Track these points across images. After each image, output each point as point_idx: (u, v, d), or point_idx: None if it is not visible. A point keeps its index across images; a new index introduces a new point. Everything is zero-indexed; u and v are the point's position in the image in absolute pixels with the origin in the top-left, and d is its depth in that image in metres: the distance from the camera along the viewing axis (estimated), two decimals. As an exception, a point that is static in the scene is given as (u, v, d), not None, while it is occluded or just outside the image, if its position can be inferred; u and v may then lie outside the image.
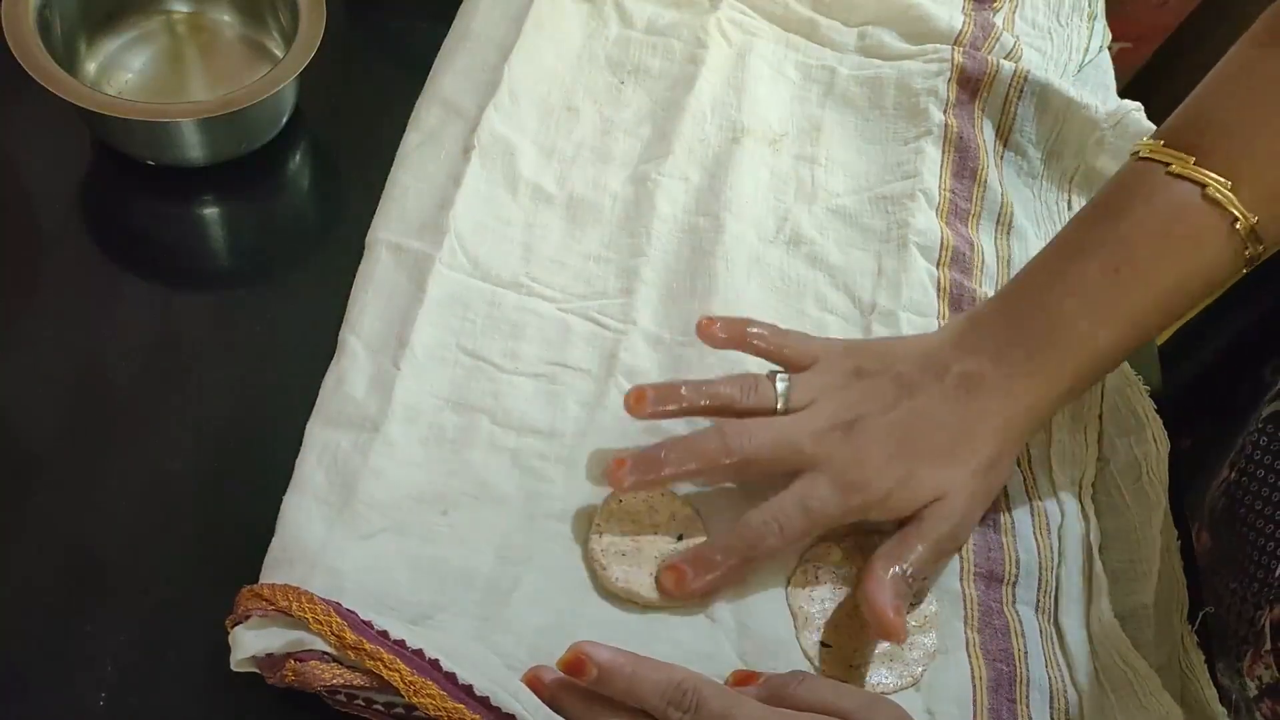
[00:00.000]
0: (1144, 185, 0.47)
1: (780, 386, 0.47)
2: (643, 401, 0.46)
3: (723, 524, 0.46)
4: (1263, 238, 0.46)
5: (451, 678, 0.38)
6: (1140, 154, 0.48)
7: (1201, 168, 0.45)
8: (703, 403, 0.46)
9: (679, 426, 0.48)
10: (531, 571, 0.44)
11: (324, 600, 0.39)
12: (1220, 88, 0.48)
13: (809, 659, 0.44)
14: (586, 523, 0.46)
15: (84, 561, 0.44)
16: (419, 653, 0.38)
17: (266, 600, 0.39)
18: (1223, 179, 0.45)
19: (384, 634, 0.38)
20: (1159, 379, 0.57)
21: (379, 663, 0.37)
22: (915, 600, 0.46)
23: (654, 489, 0.46)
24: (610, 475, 0.45)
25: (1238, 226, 0.45)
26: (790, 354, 0.48)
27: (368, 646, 0.38)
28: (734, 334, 0.48)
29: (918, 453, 0.45)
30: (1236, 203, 0.45)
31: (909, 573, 0.43)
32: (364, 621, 0.38)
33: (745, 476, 0.47)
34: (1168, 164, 0.46)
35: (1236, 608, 0.47)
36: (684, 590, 0.43)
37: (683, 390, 0.46)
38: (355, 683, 0.39)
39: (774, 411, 0.47)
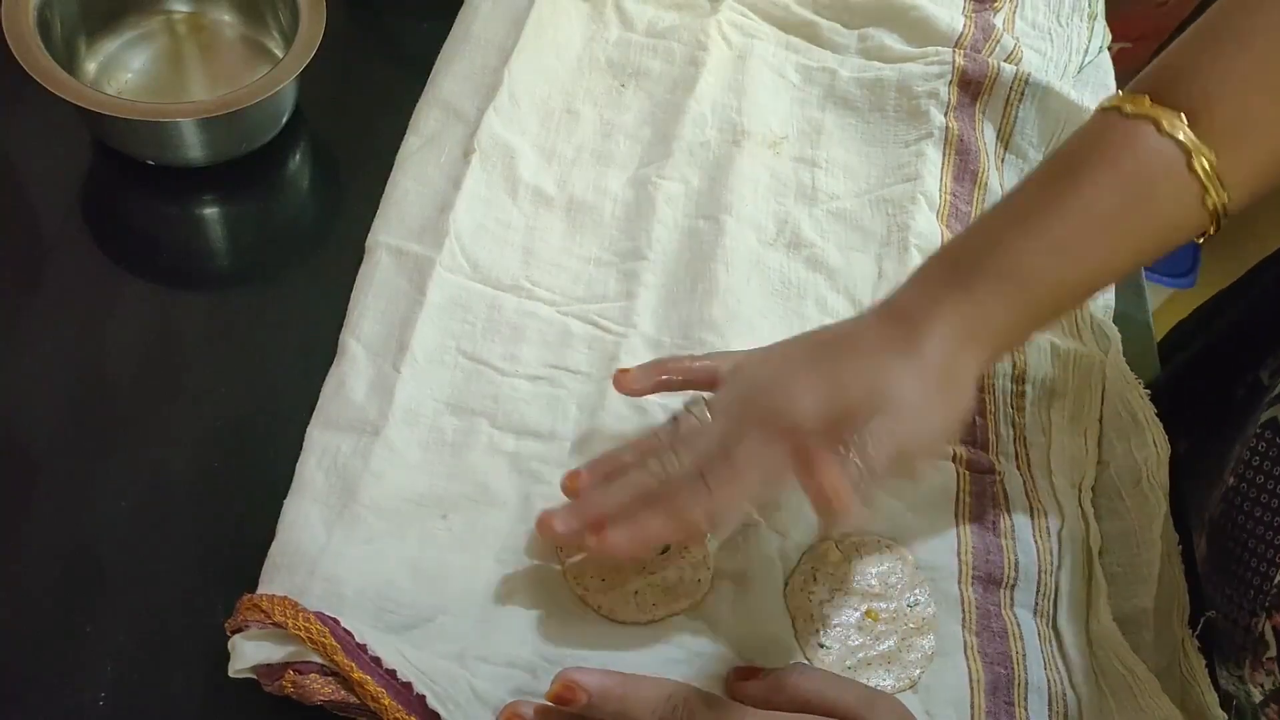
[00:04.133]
0: (1092, 122, 0.45)
1: (698, 409, 0.44)
2: (576, 480, 0.44)
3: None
4: (1226, 181, 0.42)
5: (434, 717, 0.38)
6: (1124, 110, 0.44)
7: (1158, 104, 0.42)
8: (646, 480, 0.43)
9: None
10: (531, 574, 0.44)
11: (321, 618, 0.39)
12: (1191, 34, 0.45)
13: (807, 660, 0.45)
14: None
15: (84, 561, 0.44)
16: (408, 686, 0.38)
17: (265, 613, 0.39)
18: (1209, 150, 0.42)
19: (376, 661, 0.39)
20: (1158, 377, 0.57)
21: (366, 692, 0.38)
22: (913, 608, 0.46)
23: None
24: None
25: (1207, 201, 0.42)
26: (710, 376, 0.46)
27: (356, 674, 0.38)
28: (650, 377, 0.46)
29: (843, 363, 0.42)
30: (1216, 178, 0.42)
31: (854, 455, 0.39)
32: (359, 645, 0.39)
33: None
34: (1121, 107, 0.43)
35: (1234, 614, 0.47)
36: (603, 544, 0.40)
37: (615, 458, 0.44)
38: (350, 701, 0.39)
39: None
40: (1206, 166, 0.42)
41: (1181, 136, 0.42)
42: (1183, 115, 0.42)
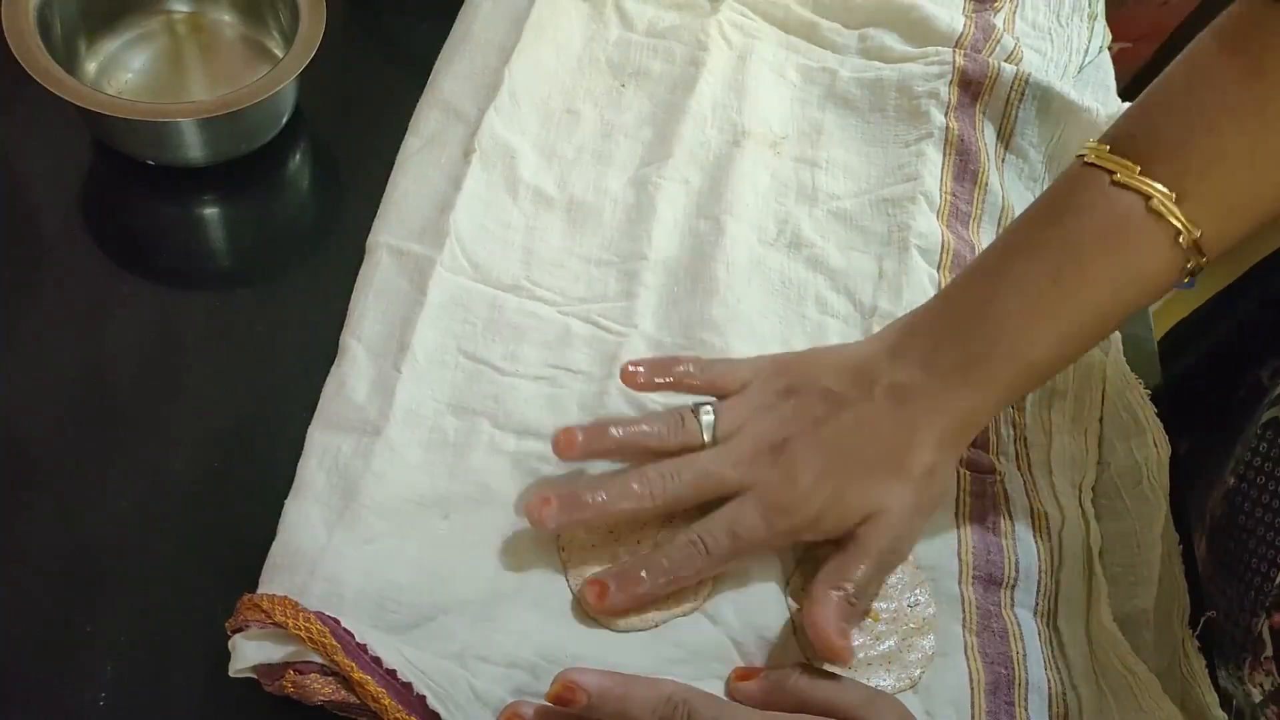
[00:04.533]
0: (1088, 192, 0.46)
1: (705, 419, 0.46)
2: (572, 445, 0.45)
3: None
4: (1205, 251, 0.45)
5: (434, 717, 0.38)
6: (1085, 159, 0.47)
7: (1146, 178, 0.44)
8: (634, 444, 0.45)
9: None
10: (532, 574, 0.44)
11: (321, 618, 0.39)
12: (1171, 92, 0.47)
13: (808, 660, 0.44)
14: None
15: (84, 561, 0.44)
16: (408, 686, 0.38)
17: (265, 613, 0.39)
18: (1168, 190, 0.44)
19: (377, 661, 0.39)
20: (1159, 377, 0.57)
21: (366, 692, 0.38)
22: (913, 608, 0.46)
23: (578, 529, 0.46)
24: (532, 513, 0.43)
25: (1180, 240, 0.44)
26: (721, 383, 0.47)
27: (357, 675, 0.38)
28: (658, 375, 0.47)
29: (848, 469, 0.45)
30: (1180, 215, 0.44)
31: (852, 592, 0.43)
32: (359, 645, 0.39)
33: (676, 511, 0.46)
34: (1113, 172, 0.45)
35: (1234, 614, 0.47)
36: (604, 606, 0.43)
37: (612, 431, 0.45)
38: (351, 701, 0.39)
39: (702, 445, 0.46)
40: (1168, 205, 0.44)
41: (1166, 213, 0.44)
42: (1137, 166, 0.45)
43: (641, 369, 0.47)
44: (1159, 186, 0.44)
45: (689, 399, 0.47)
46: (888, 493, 0.44)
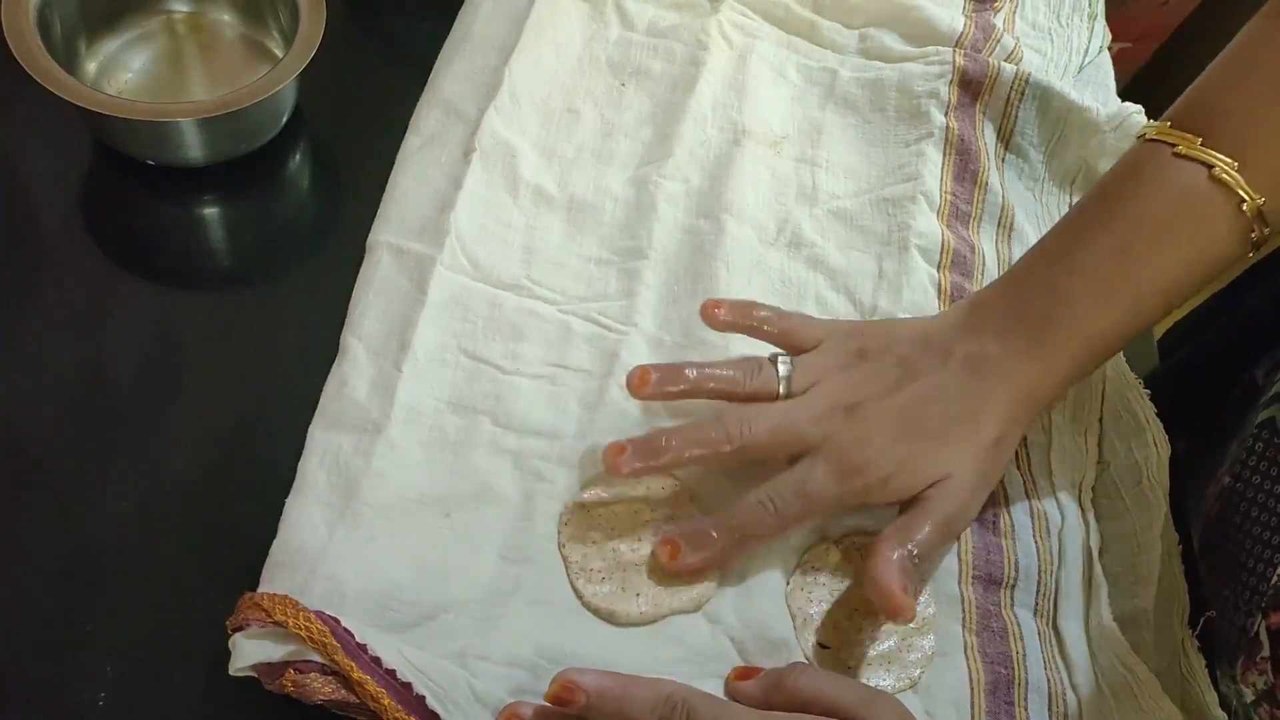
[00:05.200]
0: (1151, 166, 0.47)
1: (783, 370, 0.47)
2: (646, 382, 0.46)
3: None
4: (1269, 220, 0.45)
5: (434, 717, 0.38)
6: (1147, 136, 0.48)
7: (1209, 149, 0.45)
8: (708, 385, 0.46)
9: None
10: (533, 572, 0.44)
11: (321, 617, 0.39)
12: (1230, 68, 0.48)
13: (807, 660, 0.44)
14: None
15: (84, 561, 0.44)
16: (408, 686, 0.38)
17: (265, 612, 0.39)
18: (1230, 160, 0.45)
19: (376, 661, 0.39)
20: (1159, 375, 0.57)
21: (366, 692, 0.38)
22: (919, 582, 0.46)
23: (652, 475, 0.46)
24: (609, 460, 0.44)
25: (1244, 208, 0.45)
26: (795, 336, 0.49)
27: (356, 674, 0.38)
28: (738, 317, 0.48)
29: (920, 434, 0.45)
30: (1244, 184, 0.44)
31: (914, 553, 0.43)
32: (359, 645, 0.39)
33: (747, 461, 0.46)
34: (1174, 145, 0.46)
35: (1230, 614, 0.47)
36: (678, 565, 0.43)
37: (687, 372, 0.46)
38: (351, 701, 0.39)
39: (776, 396, 0.47)
40: (1232, 174, 0.45)
41: (1230, 181, 0.45)
42: (1199, 138, 0.45)
43: (724, 307, 0.48)
44: (1221, 156, 0.45)
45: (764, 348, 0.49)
46: (957, 459, 0.45)
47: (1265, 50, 0.47)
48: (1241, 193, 0.45)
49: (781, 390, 0.47)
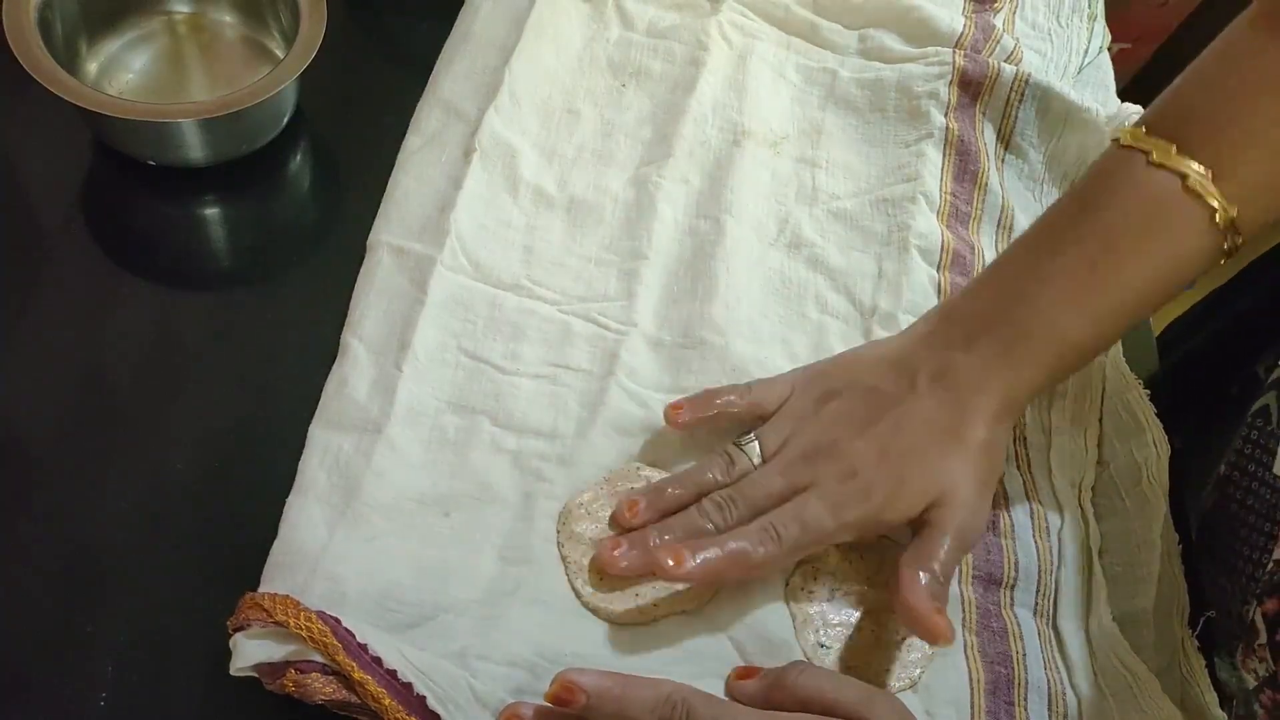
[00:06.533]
0: (1124, 174, 0.46)
1: (750, 448, 0.46)
2: (635, 509, 0.45)
3: None
4: (1241, 230, 0.45)
5: (435, 718, 0.38)
6: (1121, 141, 0.47)
7: (1184, 156, 0.45)
8: (694, 493, 0.46)
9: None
10: (533, 572, 0.44)
11: (322, 617, 0.39)
12: (1208, 73, 0.47)
13: (808, 659, 0.44)
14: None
15: (84, 561, 0.44)
16: (408, 686, 0.38)
17: (266, 611, 0.39)
18: (1204, 169, 0.44)
19: (377, 661, 0.39)
20: (1156, 373, 0.57)
21: (366, 692, 0.38)
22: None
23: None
24: (604, 555, 0.44)
25: (1217, 219, 0.44)
26: (761, 406, 0.48)
27: (357, 675, 0.38)
28: (700, 411, 0.47)
29: (905, 457, 0.45)
30: (1217, 194, 0.44)
31: (939, 571, 0.43)
32: (360, 645, 0.39)
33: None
34: (1148, 153, 0.45)
35: (1227, 602, 0.47)
36: (680, 572, 0.42)
37: (670, 491, 0.46)
38: (352, 701, 0.39)
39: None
40: (1206, 185, 0.44)
41: (1203, 192, 0.44)
42: (1173, 145, 0.45)
43: (684, 408, 0.47)
44: (1195, 166, 0.44)
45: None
46: (950, 471, 0.44)
47: (1245, 56, 0.46)
48: (1215, 203, 0.44)
49: (756, 464, 0.46)
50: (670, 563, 0.42)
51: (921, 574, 0.42)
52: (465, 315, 0.51)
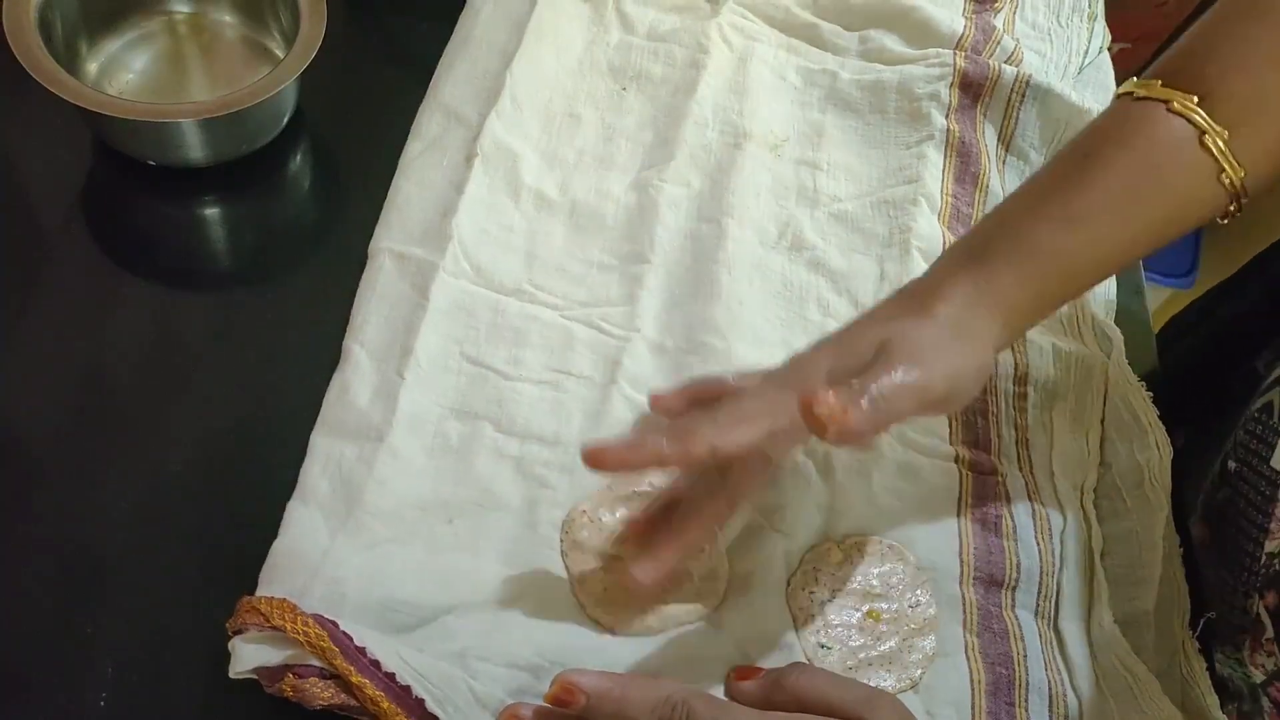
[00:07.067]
0: (1135, 122, 0.45)
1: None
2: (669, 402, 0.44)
3: None
4: (1246, 192, 0.44)
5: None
6: (1137, 94, 0.45)
7: (1203, 109, 0.43)
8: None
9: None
10: (536, 577, 0.44)
11: (319, 620, 0.39)
12: (1219, 34, 0.46)
13: (808, 660, 0.44)
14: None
15: (84, 561, 0.44)
16: (407, 689, 0.38)
17: (263, 615, 0.39)
18: (1221, 128, 0.43)
19: (376, 664, 0.39)
20: (1156, 371, 0.57)
21: (365, 695, 0.38)
22: (914, 609, 0.46)
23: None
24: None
25: (1223, 178, 0.44)
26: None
27: (355, 678, 0.38)
28: (682, 403, 0.45)
29: (853, 330, 0.44)
30: (1230, 156, 0.43)
31: (858, 388, 0.38)
32: (358, 648, 0.39)
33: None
34: (1168, 101, 0.44)
35: (1229, 596, 0.47)
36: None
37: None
38: (351, 704, 0.39)
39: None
40: (1220, 144, 0.43)
41: (1193, 116, 0.43)
42: (1194, 96, 0.43)
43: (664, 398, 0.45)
44: (1213, 123, 0.43)
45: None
46: (907, 331, 0.41)
47: (1256, 13, 0.45)
48: (1226, 165, 0.43)
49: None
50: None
51: (838, 383, 0.38)
52: (467, 321, 0.51)
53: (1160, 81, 0.44)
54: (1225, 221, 0.46)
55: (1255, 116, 0.44)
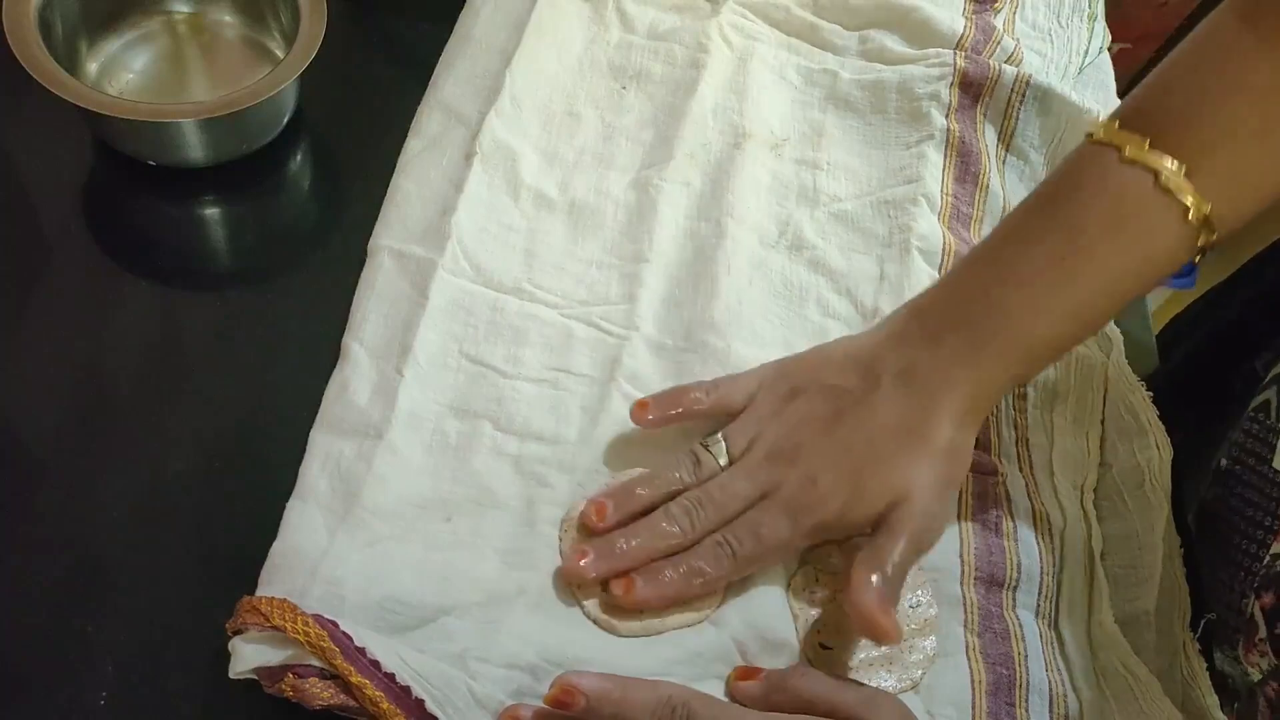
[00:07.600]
0: (1094, 170, 0.45)
1: (717, 449, 0.46)
2: (603, 512, 0.45)
3: None
4: (1216, 226, 0.44)
5: None
6: (1094, 136, 0.46)
7: (1157, 151, 0.43)
8: (662, 495, 0.46)
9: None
10: (535, 577, 0.44)
11: (319, 620, 0.39)
12: (1185, 66, 0.46)
13: (809, 661, 0.44)
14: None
15: (84, 561, 0.44)
16: (407, 690, 0.38)
17: (263, 615, 0.39)
18: (1176, 166, 0.43)
19: (375, 664, 0.39)
20: (1156, 371, 0.57)
21: (365, 696, 0.38)
22: (915, 609, 0.46)
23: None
24: (570, 567, 0.43)
25: (1190, 217, 0.43)
26: (727, 402, 0.48)
27: (355, 679, 0.38)
28: (667, 409, 0.47)
29: (865, 462, 0.44)
30: (1191, 190, 0.43)
31: (891, 573, 0.42)
32: (358, 648, 0.39)
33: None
34: (1121, 148, 0.44)
35: (1226, 596, 0.47)
36: (631, 598, 0.43)
37: (639, 492, 0.45)
38: (350, 704, 0.39)
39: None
40: (1201, 218, 0.43)
41: (1175, 189, 0.43)
42: (1183, 166, 0.43)
43: (650, 406, 0.47)
44: (1168, 162, 0.43)
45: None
46: (910, 474, 0.44)
47: (1222, 47, 0.45)
48: (1188, 200, 0.43)
49: (723, 464, 0.46)
50: (620, 592, 0.43)
51: (873, 576, 0.42)
52: (466, 319, 0.51)
53: (1148, 142, 0.44)
54: (1198, 260, 0.46)
55: (1213, 154, 0.43)
